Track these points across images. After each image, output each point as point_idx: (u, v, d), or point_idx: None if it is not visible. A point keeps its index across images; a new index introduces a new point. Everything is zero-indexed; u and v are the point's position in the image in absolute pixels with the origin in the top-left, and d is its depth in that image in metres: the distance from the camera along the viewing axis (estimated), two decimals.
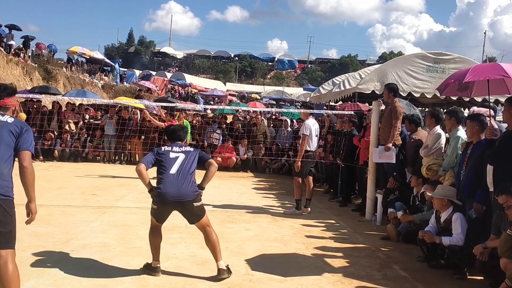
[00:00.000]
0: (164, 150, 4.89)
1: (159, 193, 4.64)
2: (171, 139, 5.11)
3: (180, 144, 5.03)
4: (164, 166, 4.73)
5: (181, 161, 4.79)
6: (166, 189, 4.63)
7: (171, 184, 4.65)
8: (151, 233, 4.90)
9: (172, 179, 4.66)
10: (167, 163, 4.75)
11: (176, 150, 4.89)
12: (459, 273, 5.15)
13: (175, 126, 5.32)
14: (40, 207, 7.33)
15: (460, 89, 6.69)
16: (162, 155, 4.82)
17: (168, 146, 4.98)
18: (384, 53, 79.00)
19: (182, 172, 4.72)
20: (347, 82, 13.66)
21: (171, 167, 4.72)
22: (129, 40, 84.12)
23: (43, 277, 4.44)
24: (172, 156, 4.81)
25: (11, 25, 25.84)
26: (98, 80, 32.09)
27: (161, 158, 4.79)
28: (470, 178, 5.51)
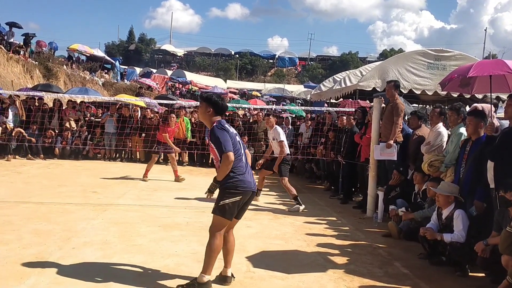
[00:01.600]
0: (230, 130, 4.34)
1: (245, 182, 4.28)
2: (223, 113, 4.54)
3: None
4: (238, 151, 4.31)
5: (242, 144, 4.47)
6: (250, 177, 4.32)
7: (248, 171, 4.35)
8: (219, 240, 4.30)
9: (248, 166, 4.38)
10: (239, 146, 4.33)
11: (234, 130, 4.43)
12: (461, 270, 5.14)
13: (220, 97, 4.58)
14: (41, 204, 7.40)
15: (462, 85, 6.67)
16: (233, 136, 4.33)
17: (226, 124, 4.39)
18: (385, 50, 78.98)
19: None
20: (348, 79, 13.67)
21: (243, 152, 4.38)
22: (130, 38, 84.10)
23: (44, 275, 4.43)
24: (238, 139, 4.40)
25: (12, 23, 25.81)
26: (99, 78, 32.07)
27: (233, 141, 4.30)
28: (470, 175, 5.51)
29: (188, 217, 7.20)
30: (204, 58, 78.57)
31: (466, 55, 12.44)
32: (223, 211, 4.32)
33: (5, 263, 4.67)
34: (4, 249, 5.10)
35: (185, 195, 9.02)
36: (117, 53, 72.98)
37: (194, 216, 7.32)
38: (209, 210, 7.65)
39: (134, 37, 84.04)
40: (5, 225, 6.07)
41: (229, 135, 4.28)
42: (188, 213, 7.53)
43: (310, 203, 8.95)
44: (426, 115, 8.48)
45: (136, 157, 14.70)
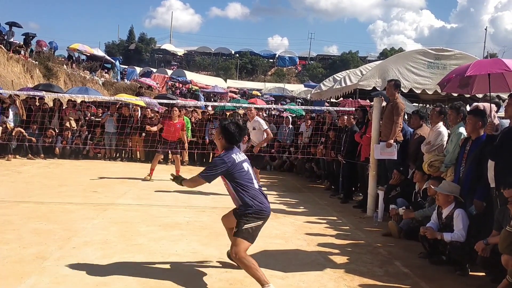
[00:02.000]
0: (235, 161, 4.58)
1: (266, 207, 4.66)
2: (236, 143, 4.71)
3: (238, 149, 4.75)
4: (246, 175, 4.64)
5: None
6: (267, 202, 4.73)
7: (264, 196, 4.76)
8: (247, 258, 4.35)
9: (262, 192, 4.78)
10: (247, 172, 4.66)
11: (242, 157, 4.67)
12: (461, 269, 5.14)
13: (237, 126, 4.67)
14: (41, 204, 7.40)
15: (461, 86, 6.67)
16: (236, 164, 4.58)
17: (234, 154, 4.60)
18: (385, 50, 78.93)
19: None
20: (348, 78, 13.67)
21: (253, 178, 4.70)
22: (130, 37, 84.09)
23: (44, 274, 4.43)
24: (247, 166, 4.68)
25: (12, 23, 25.81)
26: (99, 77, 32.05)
27: (239, 168, 4.60)
28: (469, 174, 5.50)
29: (189, 217, 7.19)
30: (204, 58, 78.57)
31: (466, 54, 12.44)
32: (247, 235, 4.48)
33: (6, 263, 4.67)
34: (4, 248, 5.11)
35: (185, 195, 9.01)
36: (117, 52, 73.00)
37: (194, 215, 7.32)
38: (209, 209, 7.69)
39: (134, 36, 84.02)
40: (5, 225, 6.07)
41: (227, 166, 4.52)
42: (189, 212, 7.54)
43: (310, 203, 8.95)
44: (427, 114, 8.48)
45: (136, 157, 14.70)
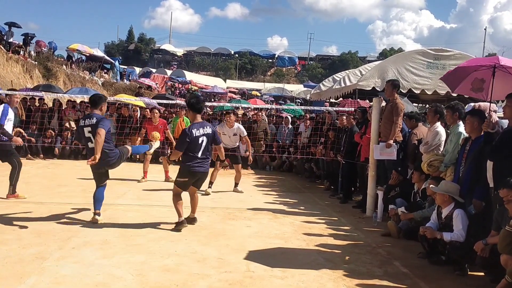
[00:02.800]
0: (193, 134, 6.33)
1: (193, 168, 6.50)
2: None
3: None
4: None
5: None
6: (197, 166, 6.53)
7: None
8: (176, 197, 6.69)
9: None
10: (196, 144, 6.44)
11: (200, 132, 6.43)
12: (460, 270, 5.15)
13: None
14: (41, 204, 7.41)
15: (474, 89, 6.67)
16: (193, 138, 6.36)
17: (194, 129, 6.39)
18: (385, 50, 79.00)
19: None
20: (348, 78, 13.67)
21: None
22: (129, 38, 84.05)
23: (44, 275, 4.44)
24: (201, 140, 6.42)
25: (11, 23, 25.79)
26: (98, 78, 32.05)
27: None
28: (469, 174, 5.52)
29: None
30: (204, 58, 78.60)
31: (465, 54, 12.46)
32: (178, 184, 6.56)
33: (5, 263, 4.68)
34: (4, 249, 5.11)
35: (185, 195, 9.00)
36: (116, 53, 72.94)
37: None
38: (209, 210, 7.70)
39: (134, 37, 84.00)
40: (5, 225, 6.07)
41: (188, 137, 6.29)
42: (188, 212, 7.52)
43: (309, 203, 8.96)
44: (419, 114, 8.49)
45: (136, 157, 14.68)
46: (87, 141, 6.50)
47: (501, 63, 5.95)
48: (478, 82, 6.50)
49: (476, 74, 6.49)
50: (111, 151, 6.53)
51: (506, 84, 6.11)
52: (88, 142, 6.50)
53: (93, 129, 6.36)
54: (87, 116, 6.65)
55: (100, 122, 6.33)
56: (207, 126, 6.50)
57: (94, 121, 6.42)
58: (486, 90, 6.62)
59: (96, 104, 6.67)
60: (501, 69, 6.05)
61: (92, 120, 6.45)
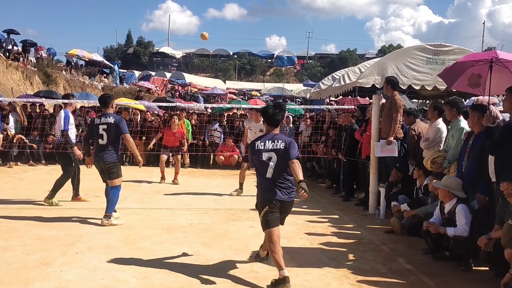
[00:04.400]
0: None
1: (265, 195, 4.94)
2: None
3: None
4: None
5: None
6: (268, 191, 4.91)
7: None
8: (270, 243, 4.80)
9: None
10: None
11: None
12: (464, 265, 5.15)
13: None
14: (44, 210, 7.42)
15: (471, 85, 6.68)
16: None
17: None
18: (384, 47, 78.92)
19: None
20: (347, 76, 13.65)
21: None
22: (128, 41, 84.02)
23: (49, 280, 4.45)
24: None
25: (9, 30, 25.83)
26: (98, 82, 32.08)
27: None
28: (472, 169, 5.52)
29: (191, 219, 7.21)
30: (203, 60, 78.55)
31: (465, 49, 12.42)
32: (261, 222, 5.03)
33: (10, 270, 4.69)
34: (8, 255, 5.12)
35: (188, 197, 9.03)
36: (115, 57, 72.96)
37: (196, 218, 7.33)
38: (211, 211, 7.69)
39: (132, 40, 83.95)
40: (9, 232, 6.09)
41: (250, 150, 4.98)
42: (191, 215, 7.55)
43: (312, 202, 8.95)
44: (416, 110, 8.49)
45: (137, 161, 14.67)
46: (99, 138, 6.77)
47: (500, 57, 5.94)
48: (474, 77, 6.51)
49: (473, 69, 6.49)
50: (111, 150, 6.75)
51: (502, 79, 6.11)
52: (99, 139, 6.77)
53: (109, 127, 6.70)
54: (103, 115, 6.91)
55: (120, 125, 6.72)
56: (279, 140, 4.84)
57: (111, 120, 6.73)
58: (482, 85, 6.62)
59: (107, 103, 6.94)
60: (497, 63, 6.04)
61: (108, 118, 6.76)
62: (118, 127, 6.72)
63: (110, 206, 6.71)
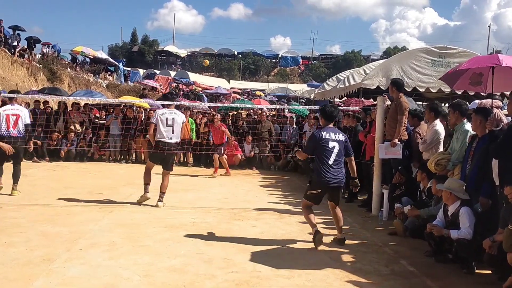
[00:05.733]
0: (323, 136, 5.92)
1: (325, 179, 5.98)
2: None
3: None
4: None
5: None
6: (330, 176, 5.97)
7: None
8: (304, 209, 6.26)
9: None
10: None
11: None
12: (467, 268, 5.13)
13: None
14: (47, 207, 7.45)
15: (472, 83, 6.67)
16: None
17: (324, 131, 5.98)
18: (389, 48, 78.83)
19: None
20: (352, 77, 13.66)
21: None
22: (133, 40, 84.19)
23: (52, 276, 4.46)
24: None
25: (14, 26, 25.91)
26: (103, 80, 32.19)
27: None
28: (475, 172, 5.50)
29: (194, 218, 7.21)
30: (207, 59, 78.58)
31: (470, 52, 12.42)
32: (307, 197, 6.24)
33: (13, 265, 4.70)
34: (12, 251, 5.14)
35: (191, 196, 9.04)
36: (120, 55, 73.13)
37: (200, 216, 7.34)
38: (214, 210, 7.71)
39: (137, 38, 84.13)
40: (12, 228, 6.11)
41: (316, 138, 5.98)
42: (194, 213, 7.56)
43: None
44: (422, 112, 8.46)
45: (141, 159, 14.73)
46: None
47: (502, 64, 5.90)
48: (476, 76, 6.50)
49: (475, 68, 6.49)
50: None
51: (505, 77, 6.10)
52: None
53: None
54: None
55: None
56: (339, 133, 6.05)
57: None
58: (484, 83, 6.61)
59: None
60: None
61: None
62: None
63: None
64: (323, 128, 6.02)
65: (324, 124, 6.10)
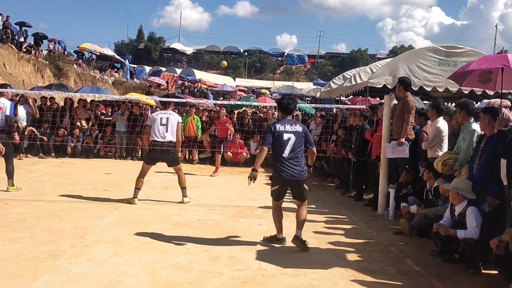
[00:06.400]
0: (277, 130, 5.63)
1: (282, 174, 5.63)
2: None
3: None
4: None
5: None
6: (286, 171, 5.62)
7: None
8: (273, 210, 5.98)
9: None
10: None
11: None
12: (474, 267, 5.10)
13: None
14: (53, 203, 7.47)
15: (482, 81, 6.62)
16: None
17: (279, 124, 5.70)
18: (395, 47, 78.57)
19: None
20: (358, 76, 13.60)
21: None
22: (139, 37, 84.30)
23: (57, 272, 4.47)
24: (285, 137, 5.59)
25: (21, 23, 26.00)
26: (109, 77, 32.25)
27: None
28: (483, 171, 5.46)
29: (199, 215, 7.22)
30: (213, 56, 78.58)
31: (477, 51, 12.32)
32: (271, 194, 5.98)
33: (19, 261, 4.72)
34: (17, 247, 5.16)
35: (196, 193, 9.03)
36: (126, 52, 73.16)
37: (205, 214, 7.34)
38: (220, 208, 7.71)
39: (143, 36, 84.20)
40: (18, 223, 6.13)
41: (271, 131, 5.66)
42: (199, 211, 7.56)
43: (320, 201, 8.94)
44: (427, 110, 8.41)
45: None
46: None
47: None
48: (485, 73, 6.45)
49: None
50: None
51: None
52: None
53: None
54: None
55: None
56: (297, 124, 5.82)
57: None
58: (494, 81, 6.56)
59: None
60: None
61: None
62: None
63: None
64: (279, 121, 5.84)
65: (281, 116, 5.91)
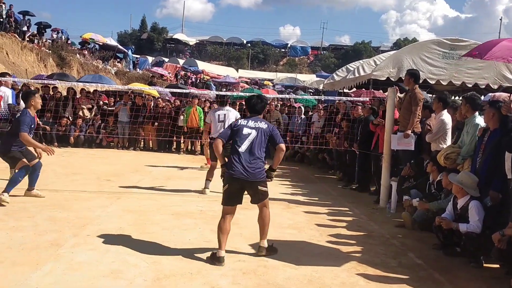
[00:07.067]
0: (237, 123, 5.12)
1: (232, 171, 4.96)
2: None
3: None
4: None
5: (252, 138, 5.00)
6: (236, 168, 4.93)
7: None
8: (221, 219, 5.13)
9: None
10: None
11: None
12: (475, 261, 5.11)
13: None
14: (55, 192, 7.48)
15: (505, 56, 6.44)
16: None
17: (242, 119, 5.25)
18: (399, 40, 78.19)
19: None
20: (362, 68, 13.57)
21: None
22: (142, 27, 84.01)
23: (60, 261, 4.48)
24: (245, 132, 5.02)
25: (25, 12, 25.93)
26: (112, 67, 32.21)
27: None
28: (486, 165, 5.44)
29: (201, 206, 7.22)
30: (216, 47, 78.35)
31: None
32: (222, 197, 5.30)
33: (21, 250, 4.73)
34: (20, 235, 5.17)
35: (198, 184, 9.03)
36: (129, 42, 73.05)
37: (206, 204, 7.35)
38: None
39: (146, 26, 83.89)
40: (20, 212, 6.14)
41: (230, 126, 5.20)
42: (201, 201, 7.56)
43: (322, 193, 8.94)
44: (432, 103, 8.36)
45: (149, 146, 14.77)
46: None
47: None
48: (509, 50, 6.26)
49: (506, 43, 6.30)
50: None
51: None
52: None
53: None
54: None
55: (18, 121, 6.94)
56: (262, 122, 5.19)
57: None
58: None
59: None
60: None
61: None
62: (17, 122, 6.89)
63: (10, 185, 6.71)
64: (246, 117, 5.36)
65: (249, 115, 5.32)
